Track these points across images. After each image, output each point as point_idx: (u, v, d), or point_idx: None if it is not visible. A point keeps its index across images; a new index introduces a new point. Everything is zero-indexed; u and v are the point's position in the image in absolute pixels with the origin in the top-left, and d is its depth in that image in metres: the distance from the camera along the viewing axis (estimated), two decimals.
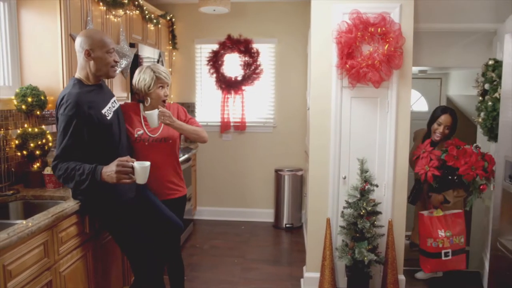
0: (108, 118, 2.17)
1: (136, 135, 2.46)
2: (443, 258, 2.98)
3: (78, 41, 2.12)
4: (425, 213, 3.09)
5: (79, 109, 2.02)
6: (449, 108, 3.24)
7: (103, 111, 2.15)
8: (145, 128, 2.50)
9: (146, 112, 2.37)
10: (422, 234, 3.08)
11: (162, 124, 2.48)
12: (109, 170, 1.98)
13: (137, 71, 2.52)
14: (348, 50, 2.96)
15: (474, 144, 2.99)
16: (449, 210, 3.06)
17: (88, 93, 2.12)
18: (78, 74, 2.17)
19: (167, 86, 2.53)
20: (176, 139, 2.58)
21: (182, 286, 2.71)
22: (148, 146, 2.47)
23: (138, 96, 2.55)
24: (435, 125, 3.17)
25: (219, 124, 4.94)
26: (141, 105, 2.56)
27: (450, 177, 2.93)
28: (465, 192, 3.00)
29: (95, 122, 2.09)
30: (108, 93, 2.31)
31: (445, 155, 2.92)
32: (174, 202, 2.57)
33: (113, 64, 2.18)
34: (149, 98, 2.49)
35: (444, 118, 3.12)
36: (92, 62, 2.12)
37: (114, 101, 2.32)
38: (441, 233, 2.99)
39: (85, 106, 2.05)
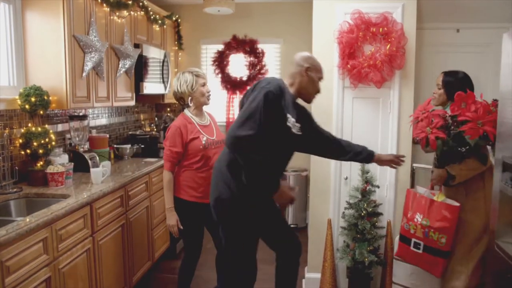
0: (293, 130, 2.16)
1: (203, 141, 2.57)
2: (411, 247, 2.47)
3: (302, 57, 2.28)
4: (420, 189, 2.58)
5: (281, 101, 2.11)
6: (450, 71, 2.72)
7: (289, 116, 2.14)
8: (204, 134, 2.61)
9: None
10: (404, 211, 2.61)
11: (214, 127, 2.71)
12: (288, 190, 2.12)
13: (175, 79, 2.68)
14: (349, 50, 2.95)
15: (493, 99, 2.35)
16: (449, 198, 2.45)
17: (290, 94, 2.22)
18: (286, 80, 2.30)
19: (206, 83, 2.69)
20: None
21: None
22: (215, 149, 2.61)
23: (182, 101, 2.67)
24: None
25: (225, 124, 4.96)
26: (186, 111, 2.66)
27: (457, 145, 2.32)
28: (480, 162, 2.33)
29: (280, 123, 2.11)
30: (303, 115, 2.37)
31: (450, 105, 2.38)
32: None
33: (317, 91, 2.33)
34: (193, 98, 2.63)
35: (437, 78, 2.66)
36: (305, 79, 2.25)
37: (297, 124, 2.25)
38: (418, 217, 2.42)
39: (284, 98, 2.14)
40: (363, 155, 2.51)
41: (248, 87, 4.77)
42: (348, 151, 2.50)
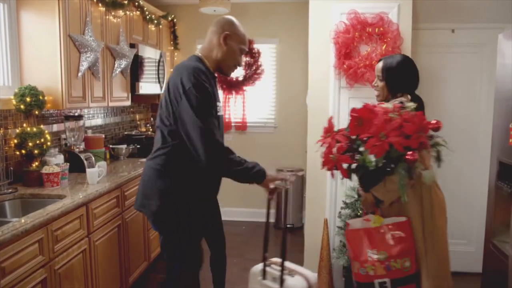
0: (220, 114, 2.04)
1: None
2: None
3: (221, 21, 2.00)
4: (355, 222, 2.11)
5: (210, 83, 1.89)
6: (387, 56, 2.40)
7: (218, 104, 2.00)
8: None
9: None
10: (350, 254, 2.09)
11: None
12: (273, 175, 1.96)
13: None
14: (345, 50, 2.96)
15: (398, 99, 2.07)
16: (391, 216, 2.01)
17: (208, 71, 1.98)
18: (201, 53, 2.03)
19: None
20: None
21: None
22: None
23: None
24: None
25: None
26: None
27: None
28: (408, 176, 1.79)
29: (215, 107, 1.93)
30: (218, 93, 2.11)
31: (349, 126, 1.88)
32: None
33: (237, 63, 2.06)
34: None
35: (376, 67, 2.24)
36: (224, 49, 1.97)
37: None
38: (371, 254, 1.95)
39: (210, 84, 1.90)
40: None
41: (244, 87, 4.84)
42: None
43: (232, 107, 4.95)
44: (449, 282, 2.05)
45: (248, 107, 4.95)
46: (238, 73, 4.86)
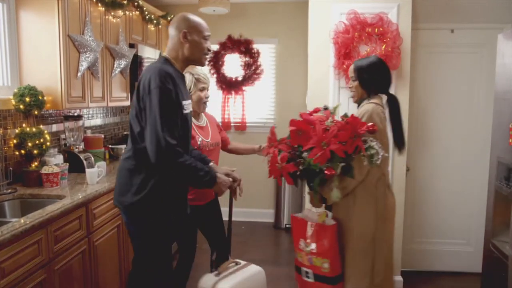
0: (186, 112, 2.03)
1: (199, 142, 2.52)
2: (303, 277, 2.19)
3: (176, 21, 2.03)
4: (305, 214, 2.26)
5: (175, 85, 1.89)
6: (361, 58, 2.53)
7: (184, 102, 1.99)
8: (200, 135, 2.56)
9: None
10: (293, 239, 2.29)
11: (210, 129, 2.65)
12: (225, 177, 2.03)
13: None
14: (345, 51, 2.97)
15: (323, 105, 2.15)
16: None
17: (176, 72, 1.99)
18: (167, 54, 2.03)
19: (207, 88, 2.57)
20: (220, 142, 2.75)
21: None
22: (208, 151, 2.56)
23: None
24: None
25: (220, 124, 4.95)
26: None
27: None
28: (348, 177, 1.96)
29: (180, 108, 1.94)
30: (187, 91, 2.13)
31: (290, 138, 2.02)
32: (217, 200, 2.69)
33: (206, 51, 2.07)
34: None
35: (349, 69, 2.32)
36: (187, 46, 1.99)
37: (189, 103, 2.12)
38: (302, 243, 2.14)
39: (175, 85, 1.90)
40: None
41: (243, 87, 4.84)
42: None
43: (232, 107, 4.95)
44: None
45: (247, 107, 4.95)
46: (237, 73, 4.87)
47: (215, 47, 4.84)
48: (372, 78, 2.20)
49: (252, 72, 4.84)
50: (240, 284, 2.12)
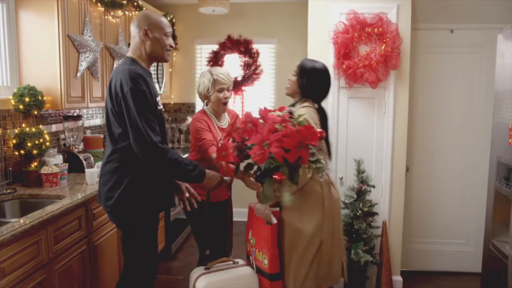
0: (160, 107, 2.07)
1: (219, 144, 2.48)
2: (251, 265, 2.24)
3: (137, 19, 2.03)
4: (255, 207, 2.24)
5: (147, 84, 1.93)
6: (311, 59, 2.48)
7: (157, 99, 2.04)
8: (221, 136, 2.51)
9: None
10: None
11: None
12: (214, 172, 2.09)
13: (199, 76, 2.59)
14: (345, 51, 2.97)
15: (288, 107, 2.13)
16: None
17: (144, 71, 2.02)
18: (131, 54, 2.05)
19: (228, 89, 2.55)
20: None
21: None
22: None
23: (202, 100, 2.62)
24: None
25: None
26: (206, 109, 2.60)
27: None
28: (289, 178, 1.86)
29: (154, 105, 1.98)
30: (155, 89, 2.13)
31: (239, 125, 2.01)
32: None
33: (168, 48, 2.09)
34: (209, 101, 2.55)
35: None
36: (149, 43, 2.01)
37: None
38: (250, 234, 2.20)
39: (146, 84, 1.94)
40: None
41: (243, 87, 4.84)
42: None
43: (231, 107, 4.93)
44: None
45: (247, 107, 4.94)
46: (237, 73, 4.86)
47: (214, 47, 4.84)
48: (310, 82, 2.23)
49: (251, 72, 4.84)
50: (223, 282, 2.08)
